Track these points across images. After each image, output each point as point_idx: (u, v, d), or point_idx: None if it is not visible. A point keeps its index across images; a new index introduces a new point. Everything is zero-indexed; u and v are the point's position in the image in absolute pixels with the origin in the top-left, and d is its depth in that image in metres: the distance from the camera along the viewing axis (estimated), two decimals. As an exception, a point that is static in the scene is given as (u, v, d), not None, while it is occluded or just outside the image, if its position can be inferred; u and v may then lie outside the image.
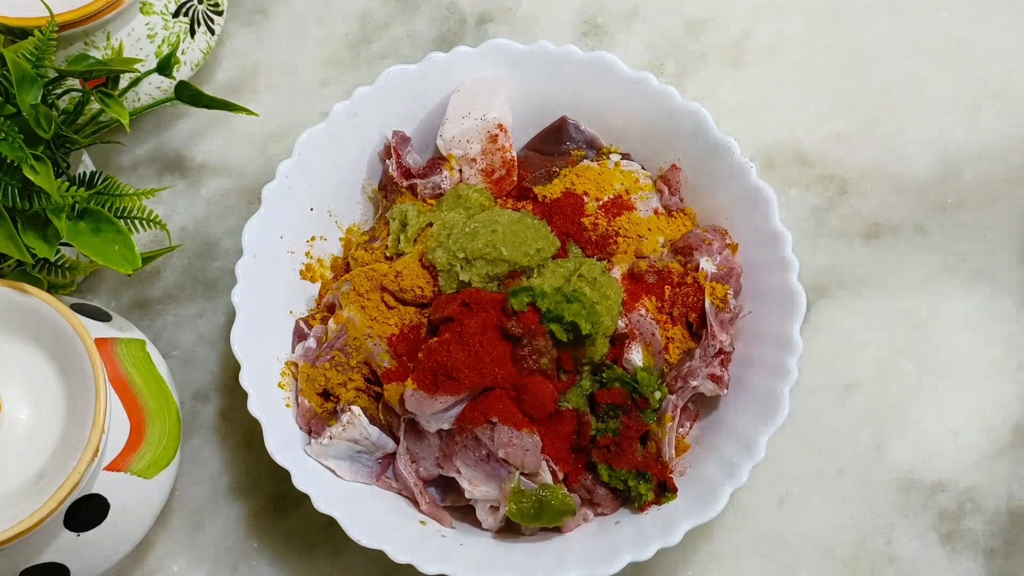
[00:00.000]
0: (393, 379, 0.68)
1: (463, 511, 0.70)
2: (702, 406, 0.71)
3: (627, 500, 0.69)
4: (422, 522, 0.68)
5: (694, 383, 0.69)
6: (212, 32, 0.83)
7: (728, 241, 0.73)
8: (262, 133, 0.86)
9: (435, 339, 0.68)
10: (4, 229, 0.62)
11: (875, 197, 0.82)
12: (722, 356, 0.70)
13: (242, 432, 0.76)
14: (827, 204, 0.82)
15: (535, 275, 0.70)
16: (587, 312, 0.67)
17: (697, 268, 0.72)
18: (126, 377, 0.66)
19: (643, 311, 0.70)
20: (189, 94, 0.75)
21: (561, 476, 0.67)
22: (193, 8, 0.81)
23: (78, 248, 0.64)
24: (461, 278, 0.70)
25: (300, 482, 0.66)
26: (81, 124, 0.72)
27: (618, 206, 0.74)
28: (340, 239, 0.78)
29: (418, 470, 0.69)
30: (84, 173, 0.70)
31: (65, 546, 0.62)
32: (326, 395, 0.71)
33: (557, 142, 0.78)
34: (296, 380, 0.72)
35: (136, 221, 0.69)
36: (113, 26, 0.76)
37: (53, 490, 0.58)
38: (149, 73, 0.75)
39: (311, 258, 0.76)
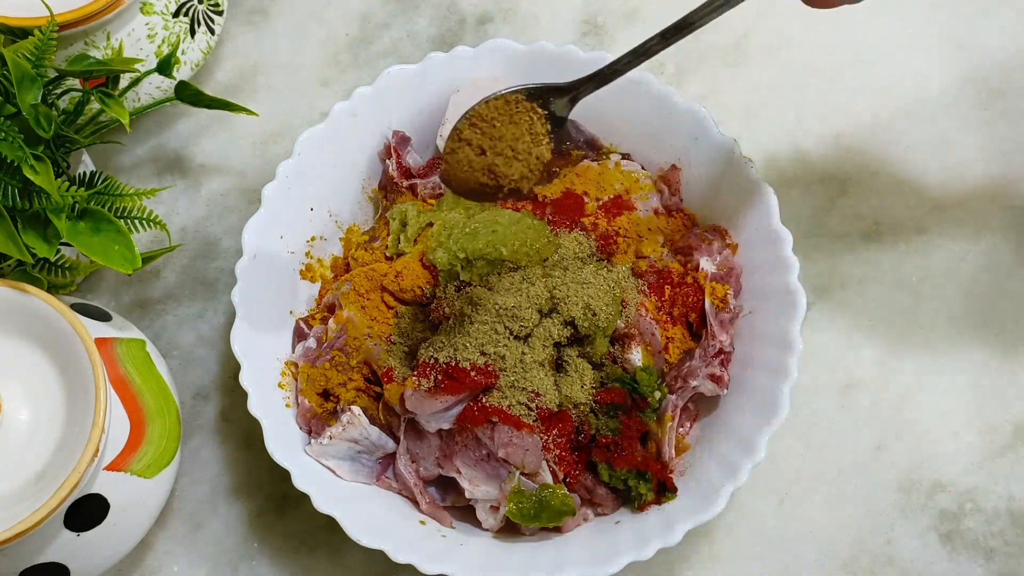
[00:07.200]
0: (393, 379, 0.68)
1: (463, 511, 0.70)
2: (702, 406, 0.71)
3: (627, 500, 0.69)
4: (422, 522, 0.68)
5: (694, 383, 0.69)
6: (212, 32, 0.83)
7: (728, 241, 0.73)
8: (262, 133, 0.86)
9: (435, 338, 0.68)
10: (4, 229, 0.62)
11: (875, 197, 0.82)
12: (722, 356, 0.70)
13: (242, 432, 0.76)
14: (827, 204, 0.82)
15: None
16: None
17: (697, 268, 0.72)
18: (126, 377, 0.66)
19: (643, 311, 0.70)
20: (189, 94, 0.75)
21: (561, 476, 0.67)
22: (193, 8, 0.81)
23: (78, 248, 0.64)
24: (461, 278, 0.70)
25: (300, 482, 0.66)
26: (81, 124, 0.72)
27: (618, 206, 0.74)
28: (340, 239, 0.78)
29: (418, 470, 0.69)
30: (84, 173, 0.70)
31: (65, 546, 0.62)
32: (326, 395, 0.71)
33: (557, 142, 0.78)
34: (296, 380, 0.72)
35: (136, 221, 0.69)
36: (113, 26, 0.76)
37: (53, 490, 0.58)
38: (149, 73, 0.75)
39: (311, 258, 0.76)
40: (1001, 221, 0.81)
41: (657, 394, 0.69)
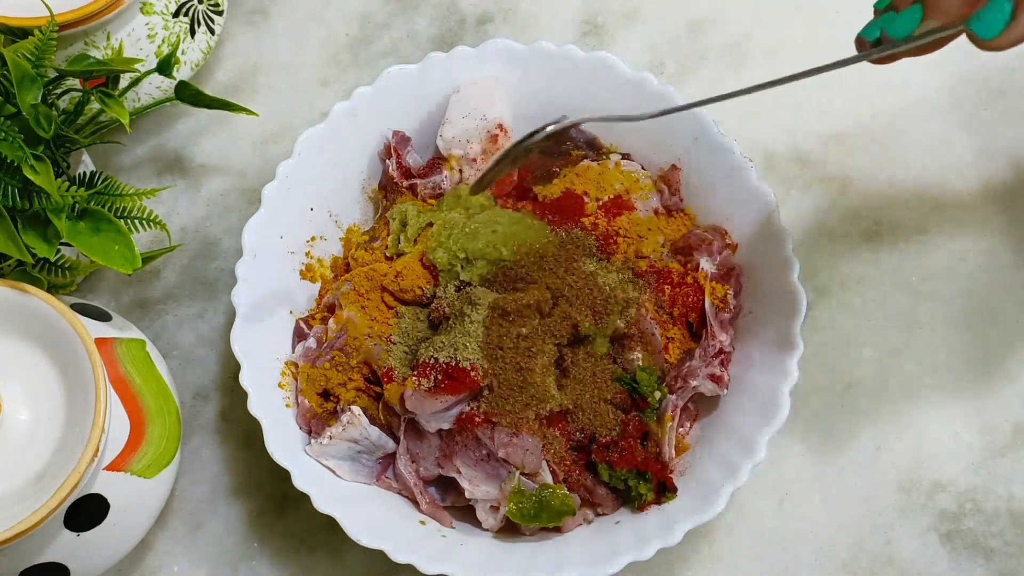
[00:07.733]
0: (393, 379, 0.68)
1: (463, 511, 0.70)
2: (702, 406, 0.71)
3: (627, 500, 0.69)
4: (422, 522, 0.68)
5: (694, 383, 0.69)
6: (212, 32, 0.83)
7: (728, 241, 0.73)
8: (262, 133, 0.86)
9: (435, 338, 0.68)
10: (4, 229, 0.62)
11: (875, 197, 0.82)
12: (722, 356, 0.70)
13: (242, 432, 0.76)
14: (827, 204, 0.82)
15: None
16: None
17: (697, 268, 0.72)
18: (126, 377, 0.66)
19: (643, 311, 0.70)
20: (189, 94, 0.75)
21: (561, 476, 0.67)
22: (193, 8, 0.81)
23: (78, 248, 0.64)
24: (461, 278, 0.70)
25: (300, 482, 0.66)
26: (81, 124, 0.72)
27: (618, 206, 0.74)
28: (340, 239, 0.78)
29: (418, 470, 0.69)
30: (84, 173, 0.70)
31: (65, 546, 0.62)
32: (326, 395, 0.71)
33: (557, 142, 0.78)
34: (296, 380, 0.72)
35: (136, 221, 0.69)
36: (113, 26, 0.76)
37: (53, 490, 0.58)
38: (149, 73, 0.75)
39: (311, 258, 0.76)
40: (1001, 221, 0.81)
41: (657, 394, 0.69)
